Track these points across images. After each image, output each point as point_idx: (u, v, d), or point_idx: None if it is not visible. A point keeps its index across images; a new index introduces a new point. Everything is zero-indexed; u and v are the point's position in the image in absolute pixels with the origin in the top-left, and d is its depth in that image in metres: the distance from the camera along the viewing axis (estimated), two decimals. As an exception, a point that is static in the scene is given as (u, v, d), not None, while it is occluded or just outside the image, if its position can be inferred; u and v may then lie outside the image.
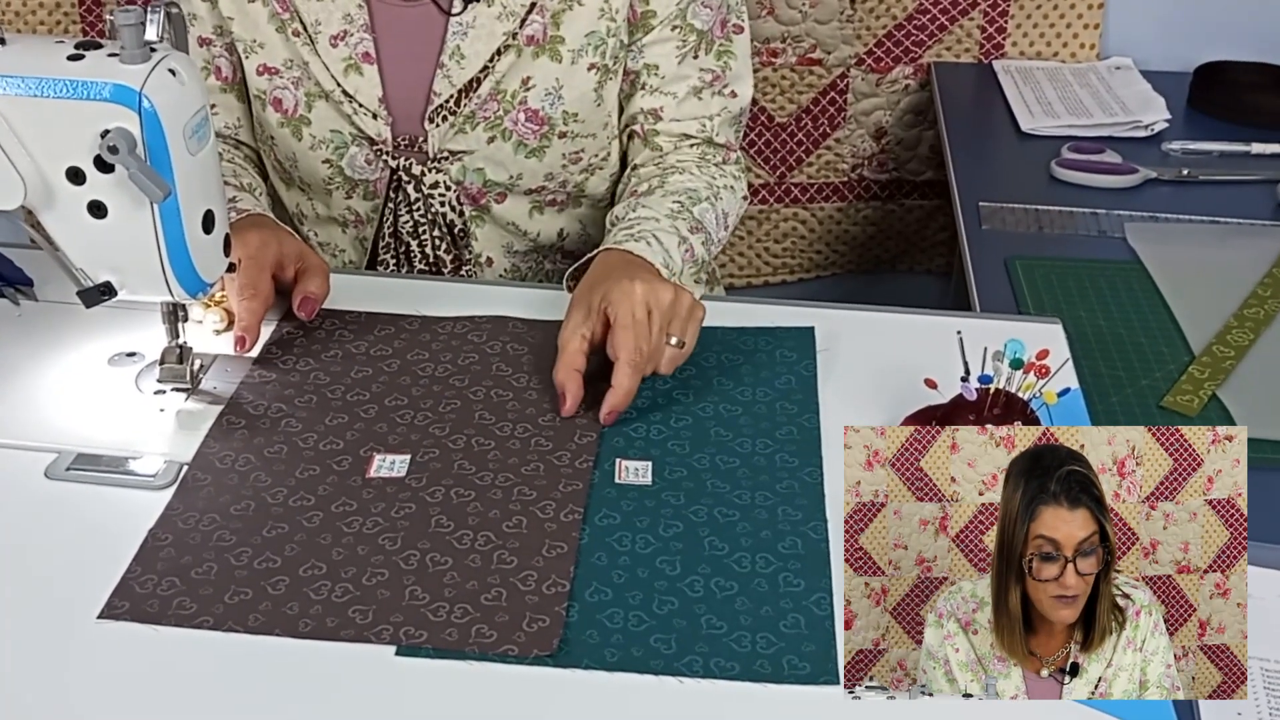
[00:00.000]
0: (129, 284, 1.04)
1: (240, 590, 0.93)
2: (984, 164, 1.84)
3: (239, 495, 1.02)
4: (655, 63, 1.37)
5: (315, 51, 1.34)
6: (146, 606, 0.91)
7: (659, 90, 1.38)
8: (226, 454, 1.06)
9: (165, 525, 0.99)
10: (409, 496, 1.02)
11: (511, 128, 1.36)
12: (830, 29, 2.15)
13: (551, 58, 1.33)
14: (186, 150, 0.99)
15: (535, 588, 0.93)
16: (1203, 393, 1.26)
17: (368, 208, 1.42)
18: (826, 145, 2.25)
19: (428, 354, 1.19)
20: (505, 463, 1.06)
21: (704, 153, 1.40)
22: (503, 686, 0.87)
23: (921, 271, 2.37)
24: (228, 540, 0.97)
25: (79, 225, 1.01)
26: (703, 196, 1.33)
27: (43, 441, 1.07)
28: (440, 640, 0.89)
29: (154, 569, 0.95)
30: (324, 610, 0.92)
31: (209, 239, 1.04)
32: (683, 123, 1.39)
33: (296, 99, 1.36)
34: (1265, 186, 1.71)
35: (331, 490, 1.03)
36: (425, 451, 1.07)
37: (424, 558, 0.96)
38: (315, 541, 0.98)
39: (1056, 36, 2.14)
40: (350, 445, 1.07)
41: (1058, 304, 1.41)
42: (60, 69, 0.96)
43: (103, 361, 1.16)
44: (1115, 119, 1.91)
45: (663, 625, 0.91)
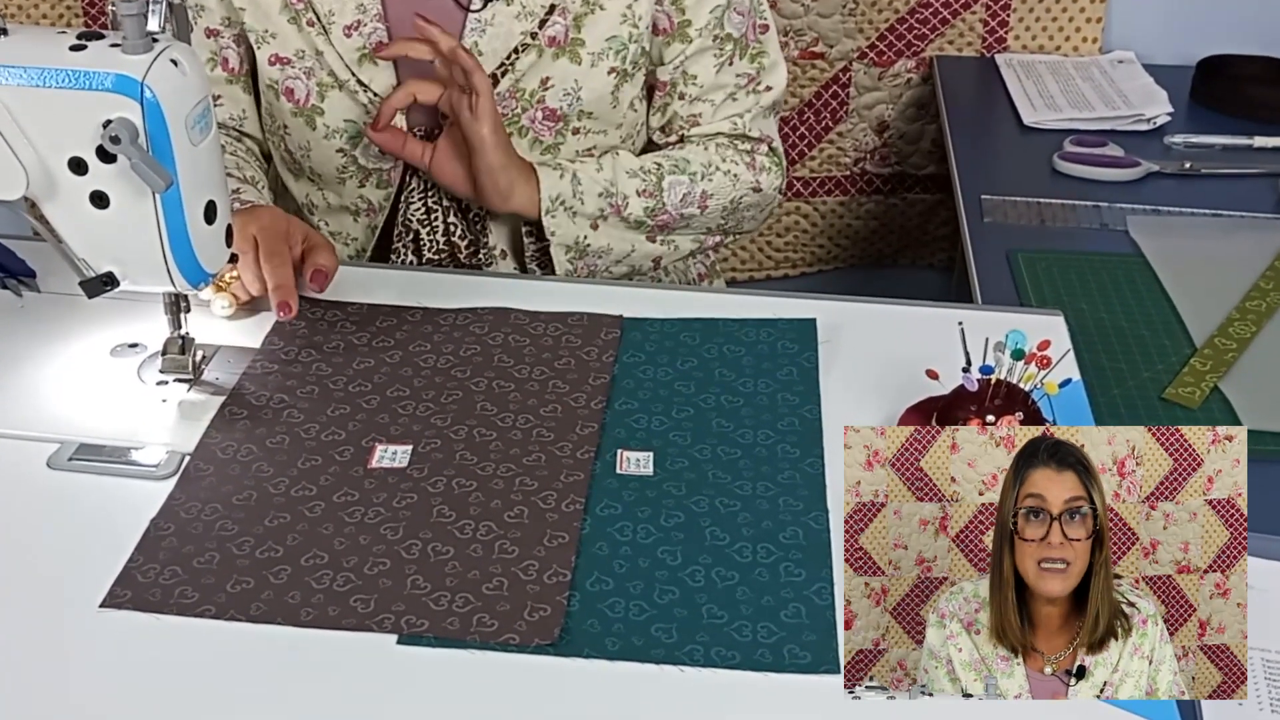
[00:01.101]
0: (131, 274, 1.04)
1: (242, 579, 0.93)
2: (986, 157, 1.84)
3: (241, 485, 1.02)
4: (695, 73, 1.41)
5: (329, 41, 1.34)
6: (149, 595, 0.92)
7: (699, 99, 1.42)
8: (229, 444, 1.06)
9: (167, 515, 0.99)
10: (410, 487, 1.02)
11: (529, 125, 1.37)
12: (832, 22, 2.15)
13: (571, 59, 1.34)
14: (188, 140, 0.99)
15: (536, 577, 0.93)
16: (1204, 385, 1.26)
17: (380, 196, 1.43)
18: (829, 139, 2.25)
19: (429, 345, 1.19)
20: (507, 453, 1.06)
21: (732, 141, 1.43)
22: (504, 675, 0.87)
23: (924, 266, 2.37)
24: (230, 530, 0.98)
25: (81, 215, 1.01)
26: (688, 170, 1.39)
27: (45, 432, 1.07)
28: (442, 629, 0.89)
29: (156, 558, 0.95)
30: (325, 599, 0.92)
31: (211, 229, 1.04)
32: (717, 123, 1.43)
33: (309, 89, 1.37)
34: (1267, 179, 1.71)
35: (333, 480, 1.03)
36: (427, 442, 1.07)
37: (425, 547, 0.96)
38: (317, 531, 0.98)
39: (1059, 30, 2.14)
40: (352, 436, 1.07)
41: (1060, 297, 1.41)
42: (62, 59, 0.96)
43: (105, 352, 1.16)
44: (1117, 112, 1.91)
45: (664, 615, 0.91)
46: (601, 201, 1.36)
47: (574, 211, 1.35)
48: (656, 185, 1.38)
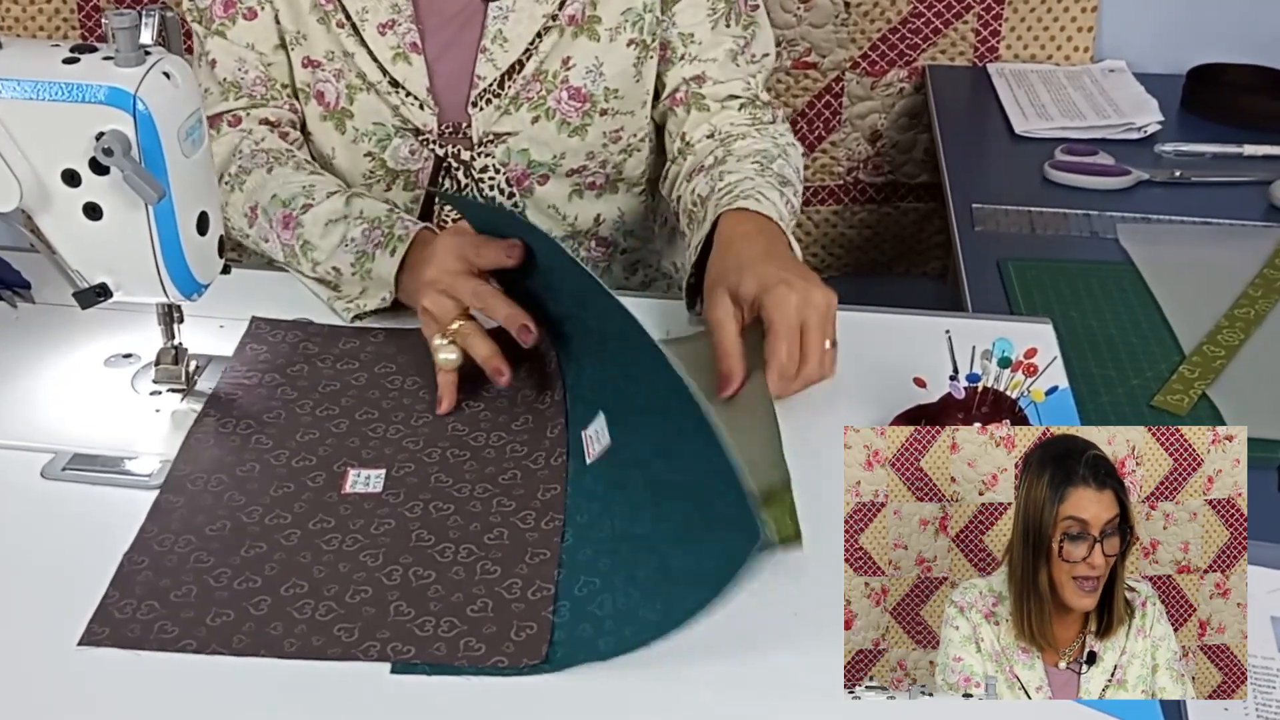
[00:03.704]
0: (124, 285, 1.05)
1: (222, 612, 0.91)
2: (978, 166, 1.85)
3: (214, 515, 1.00)
4: (690, 31, 1.40)
5: (362, 41, 1.34)
6: (127, 631, 0.90)
7: (698, 58, 1.41)
8: (198, 475, 1.04)
9: (140, 548, 0.97)
10: (387, 512, 1.01)
11: (555, 106, 1.38)
12: (825, 32, 2.16)
13: (590, 37, 1.36)
14: (181, 152, 1.00)
15: (521, 594, 0.93)
16: (1193, 392, 1.26)
17: (407, 198, 1.43)
18: (822, 149, 2.26)
19: (395, 366, 1.17)
20: (482, 473, 1.05)
21: (753, 114, 1.42)
22: (501, 695, 0.86)
23: (917, 275, 2.38)
24: (205, 561, 0.96)
25: (74, 227, 1.02)
26: (774, 155, 1.36)
27: (39, 442, 1.07)
28: (429, 655, 0.88)
29: (132, 593, 0.93)
30: (309, 629, 0.90)
31: (204, 240, 1.05)
32: (726, 84, 1.42)
33: (338, 91, 1.37)
34: (1257, 188, 1.72)
35: (308, 507, 1.01)
36: (400, 466, 1.06)
37: (406, 572, 0.95)
38: (295, 560, 0.96)
39: (1050, 39, 2.15)
40: (323, 461, 1.06)
41: (1050, 305, 1.42)
42: (56, 72, 0.97)
43: (99, 363, 1.17)
44: (1108, 121, 1.91)
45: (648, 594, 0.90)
46: (785, 208, 1.28)
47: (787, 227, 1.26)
48: (780, 175, 1.32)
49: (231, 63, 1.37)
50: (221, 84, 1.38)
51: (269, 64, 1.38)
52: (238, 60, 1.38)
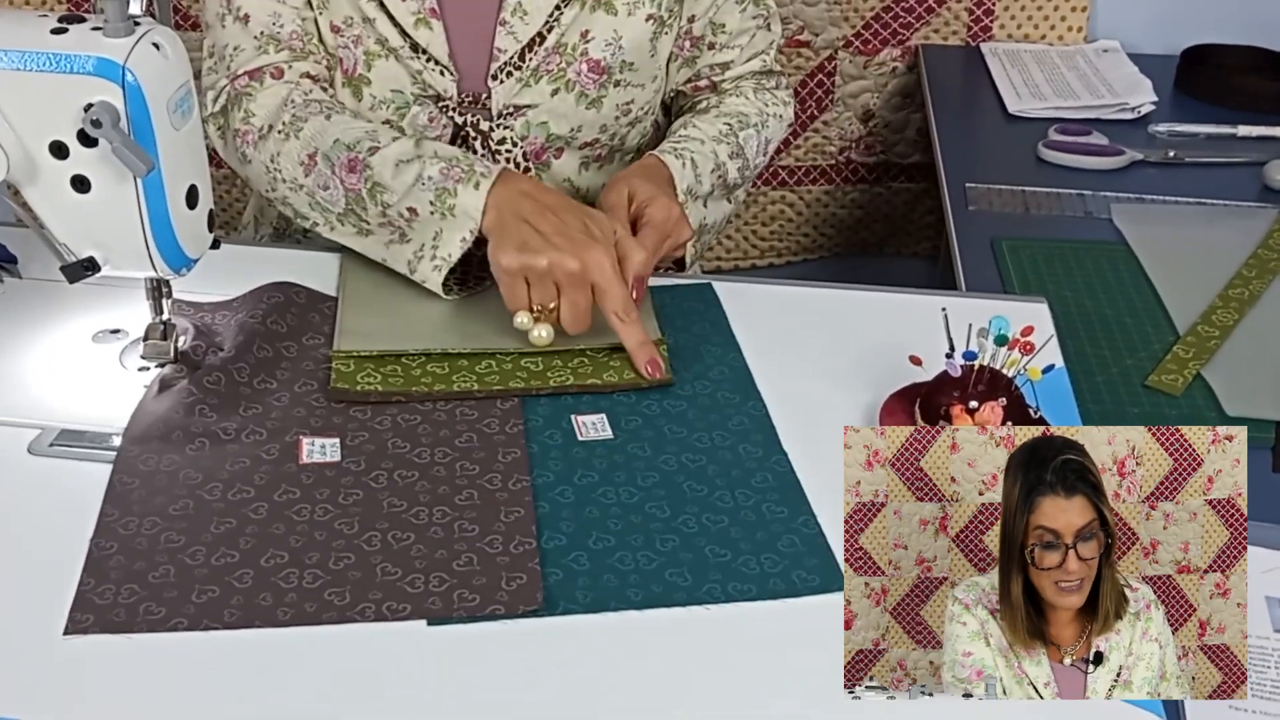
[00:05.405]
0: (112, 259, 1.04)
1: (206, 588, 0.90)
2: (971, 146, 1.85)
3: (173, 495, 0.98)
4: (722, 21, 1.42)
5: (382, 6, 1.32)
6: (112, 616, 0.88)
7: (727, 46, 1.44)
8: (148, 455, 1.02)
9: (105, 533, 0.95)
10: (351, 481, 1.00)
11: (575, 78, 1.37)
12: (818, 11, 2.15)
13: (607, 11, 1.35)
14: (170, 124, 0.98)
15: (504, 549, 0.94)
16: (1187, 372, 1.26)
17: None
18: (814, 128, 2.25)
19: (323, 337, 1.16)
20: (437, 435, 1.05)
21: (760, 80, 1.46)
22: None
23: (908, 255, 2.38)
24: (176, 540, 0.94)
25: (62, 200, 1.00)
26: (751, 122, 1.41)
27: (26, 417, 1.06)
28: (425, 610, 0.89)
29: (108, 578, 0.91)
30: (300, 597, 0.90)
31: (193, 214, 1.04)
32: (747, 64, 1.45)
33: (356, 58, 1.35)
34: (1251, 168, 1.72)
35: (269, 479, 1.00)
36: (354, 435, 1.05)
37: (385, 536, 0.95)
38: (269, 532, 0.95)
39: (1044, 19, 2.14)
40: (274, 433, 1.05)
41: (1044, 284, 1.42)
42: (43, 42, 0.96)
43: (87, 338, 1.15)
44: (1102, 101, 1.91)
45: (672, 560, 0.94)
46: (713, 177, 1.35)
47: (696, 196, 1.34)
48: (739, 145, 1.38)
49: (265, 16, 1.34)
50: (258, 38, 1.35)
51: (304, 18, 1.37)
52: (272, 14, 1.35)
